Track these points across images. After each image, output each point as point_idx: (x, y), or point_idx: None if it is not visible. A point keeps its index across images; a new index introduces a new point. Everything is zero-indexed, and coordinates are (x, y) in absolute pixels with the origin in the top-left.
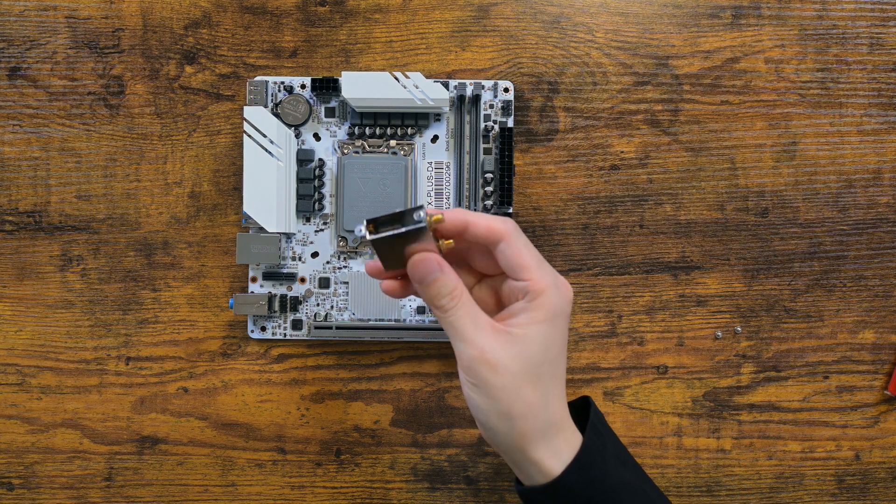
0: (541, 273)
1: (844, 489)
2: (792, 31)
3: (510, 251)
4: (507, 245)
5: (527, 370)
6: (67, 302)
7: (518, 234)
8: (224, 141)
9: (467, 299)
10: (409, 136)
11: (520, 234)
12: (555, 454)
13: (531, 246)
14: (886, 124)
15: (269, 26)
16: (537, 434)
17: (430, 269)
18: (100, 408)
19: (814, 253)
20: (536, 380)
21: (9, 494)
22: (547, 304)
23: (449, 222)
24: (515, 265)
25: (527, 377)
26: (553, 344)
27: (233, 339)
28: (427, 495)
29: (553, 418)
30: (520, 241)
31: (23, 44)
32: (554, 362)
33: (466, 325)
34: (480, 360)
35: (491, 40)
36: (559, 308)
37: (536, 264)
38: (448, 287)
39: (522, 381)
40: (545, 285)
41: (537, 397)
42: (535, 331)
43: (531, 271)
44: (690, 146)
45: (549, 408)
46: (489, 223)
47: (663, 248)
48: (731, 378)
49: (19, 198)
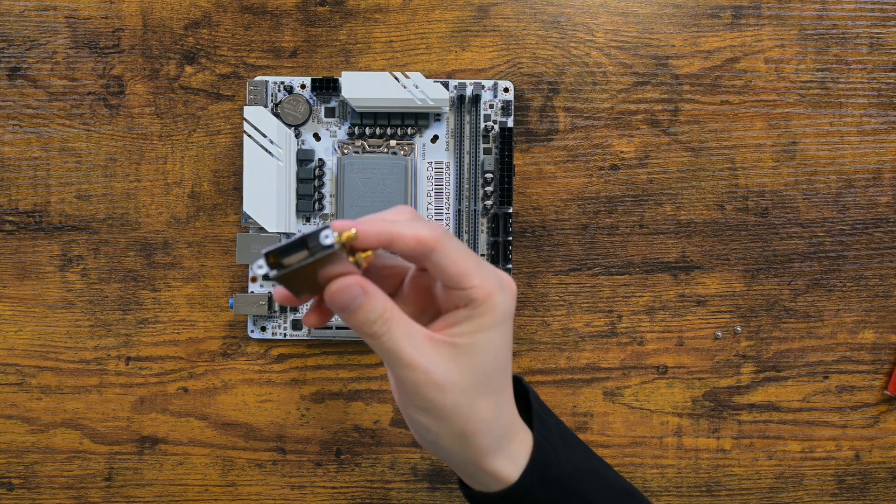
0: (482, 277)
1: (844, 489)
2: (792, 31)
3: (445, 261)
4: (440, 255)
5: (478, 383)
6: (67, 302)
7: (450, 239)
8: (224, 141)
9: (399, 318)
10: (409, 136)
11: (451, 239)
12: (511, 461)
13: (465, 248)
14: (886, 124)
15: (269, 26)
16: (493, 447)
17: (353, 294)
18: (100, 408)
19: (814, 253)
20: (489, 391)
21: (9, 494)
22: (494, 309)
23: (367, 239)
24: (453, 274)
25: (478, 391)
26: (502, 349)
27: (233, 339)
28: (427, 495)
29: (507, 425)
30: (452, 245)
31: (23, 44)
32: (504, 367)
33: (403, 347)
34: (426, 383)
35: (491, 40)
36: (506, 309)
37: (475, 267)
38: (376, 311)
39: (474, 396)
40: (489, 289)
41: (491, 410)
42: (483, 339)
43: (471, 278)
44: (690, 146)
45: (503, 416)
46: (416, 234)
47: (663, 248)
48: (731, 378)
49: (19, 198)
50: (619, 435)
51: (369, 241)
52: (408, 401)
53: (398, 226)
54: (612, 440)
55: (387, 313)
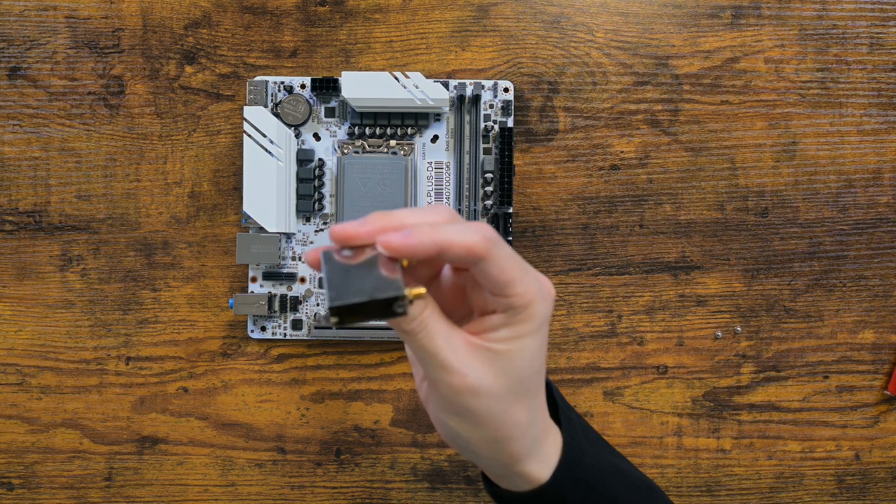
0: (526, 284)
1: (844, 489)
2: (792, 31)
3: (493, 269)
4: (489, 263)
5: (513, 389)
6: (67, 302)
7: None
8: (224, 141)
9: (438, 319)
10: (409, 136)
11: (500, 246)
12: (543, 462)
13: (512, 253)
14: (886, 124)
15: (269, 26)
16: (526, 451)
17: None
18: (100, 408)
19: (814, 253)
20: (524, 397)
21: (9, 494)
22: (533, 317)
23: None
24: (499, 282)
25: (514, 397)
26: (538, 355)
27: (233, 339)
28: (427, 495)
29: (540, 429)
30: (501, 253)
31: (23, 44)
32: (540, 372)
33: (441, 347)
34: (461, 387)
35: (491, 40)
36: (545, 316)
37: (521, 275)
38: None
39: (509, 402)
40: (531, 297)
41: (525, 415)
42: (521, 345)
43: (516, 285)
44: (690, 146)
45: (536, 421)
46: (466, 244)
47: (663, 248)
48: (731, 378)
49: (19, 198)
50: (619, 435)
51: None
52: (441, 405)
53: (447, 234)
54: (612, 440)
55: (426, 312)
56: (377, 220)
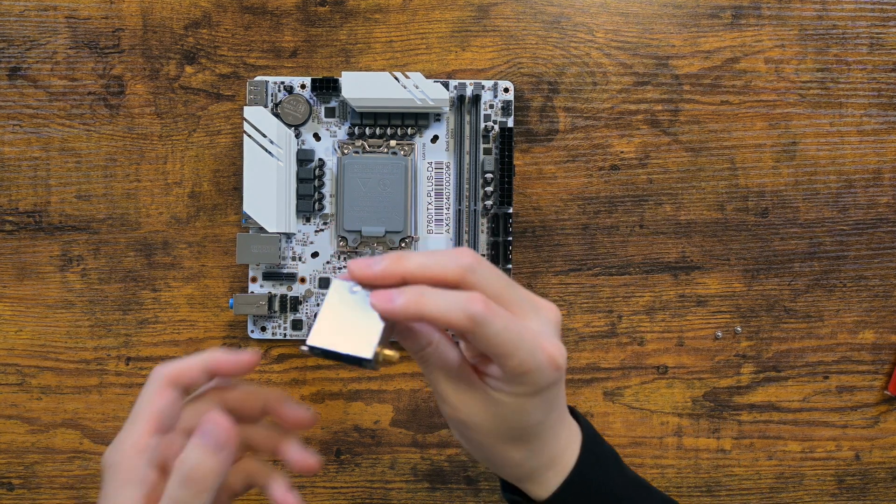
0: (521, 357)
1: (844, 489)
2: (792, 31)
3: (481, 343)
4: (476, 339)
5: (504, 433)
6: (67, 302)
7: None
8: (224, 141)
9: (444, 352)
10: (409, 136)
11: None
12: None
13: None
14: (886, 124)
15: (269, 26)
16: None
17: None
18: (100, 408)
19: (814, 253)
20: (518, 442)
21: (9, 494)
22: (531, 383)
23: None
24: (491, 354)
25: (505, 439)
26: (537, 410)
27: (233, 339)
28: (427, 495)
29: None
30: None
31: (23, 44)
32: (539, 423)
33: (440, 382)
34: (453, 418)
35: (491, 40)
36: (545, 383)
37: (514, 348)
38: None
39: (500, 442)
40: (527, 368)
41: (519, 455)
42: (518, 402)
43: (510, 358)
44: (690, 146)
45: (536, 458)
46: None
47: (663, 248)
48: (731, 378)
49: (19, 198)
50: (620, 435)
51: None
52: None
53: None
54: (612, 440)
55: (430, 347)
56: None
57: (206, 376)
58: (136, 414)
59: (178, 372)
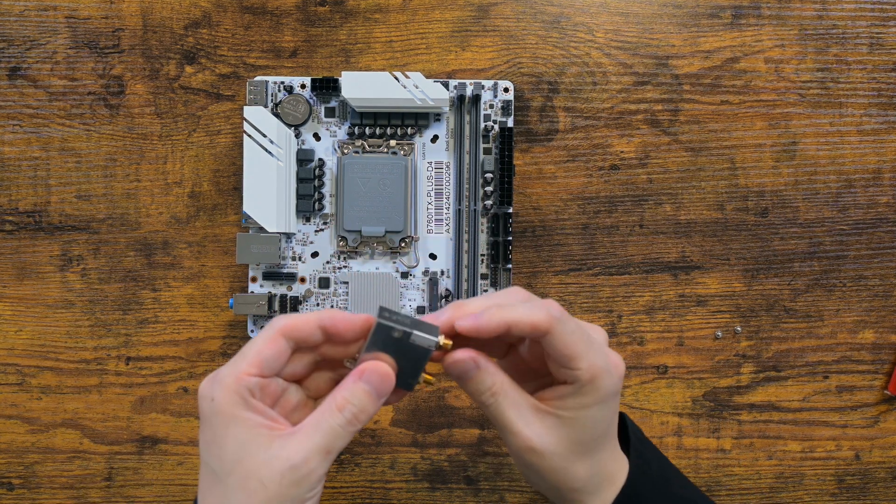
0: (591, 360)
1: (844, 489)
2: (792, 31)
3: (557, 343)
4: (553, 338)
5: (576, 451)
6: (67, 302)
7: (563, 322)
8: (224, 141)
9: (508, 390)
10: (409, 136)
11: (565, 322)
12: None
13: (578, 329)
14: (886, 124)
15: (269, 26)
16: (587, 495)
17: (466, 368)
18: (100, 408)
19: (814, 253)
20: (586, 456)
21: (9, 494)
22: (598, 390)
23: (487, 330)
24: (563, 356)
25: (576, 456)
26: (603, 422)
27: (233, 339)
28: (427, 495)
29: (603, 477)
30: (566, 329)
31: (23, 44)
32: (605, 434)
33: (510, 417)
34: (526, 450)
35: (491, 40)
36: (611, 390)
37: (585, 350)
38: (485, 384)
39: (571, 461)
40: (595, 372)
41: (586, 471)
42: (586, 414)
43: (580, 360)
44: (690, 146)
45: (599, 473)
46: (532, 320)
47: (663, 248)
48: (731, 378)
49: (19, 198)
50: None
51: (489, 332)
52: (515, 459)
53: (514, 312)
54: None
55: (496, 386)
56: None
57: (320, 334)
58: (243, 353)
59: (294, 325)
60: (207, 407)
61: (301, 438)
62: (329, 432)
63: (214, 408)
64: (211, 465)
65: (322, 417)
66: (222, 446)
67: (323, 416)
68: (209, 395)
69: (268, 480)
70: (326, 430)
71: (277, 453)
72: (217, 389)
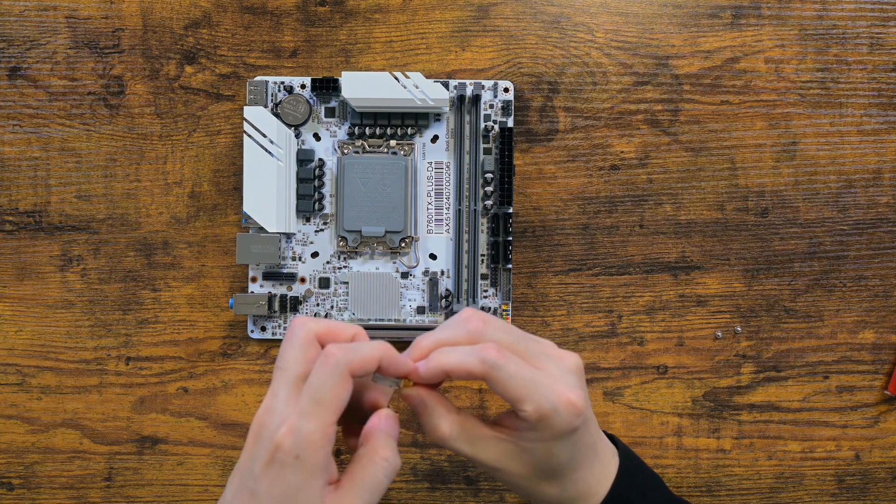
0: (536, 402)
1: (844, 489)
2: (792, 31)
3: (498, 388)
4: (493, 383)
5: (541, 475)
6: (67, 302)
7: (501, 366)
8: (224, 141)
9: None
10: (409, 136)
11: (504, 366)
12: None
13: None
14: (886, 124)
15: (269, 26)
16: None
17: (414, 403)
18: (100, 408)
19: (814, 253)
20: (554, 479)
21: (9, 494)
22: (550, 428)
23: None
24: (507, 399)
25: (541, 479)
26: (565, 451)
27: (233, 339)
28: (427, 495)
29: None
30: (504, 374)
31: (23, 44)
32: (571, 460)
33: (466, 452)
34: (490, 470)
35: (491, 40)
36: (565, 428)
37: (528, 393)
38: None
39: (536, 482)
40: (543, 413)
41: (555, 490)
42: (544, 447)
43: (524, 402)
44: (690, 146)
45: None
46: (467, 369)
47: (663, 248)
48: (731, 378)
49: (19, 198)
50: (620, 435)
51: (432, 380)
52: None
53: (450, 360)
54: None
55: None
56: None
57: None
58: (322, 401)
59: (361, 364)
60: (291, 463)
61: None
62: (376, 487)
63: (298, 465)
64: None
65: (366, 473)
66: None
67: (366, 471)
68: (293, 451)
69: None
70: (374, 486)
71: None
72: (305, 448)
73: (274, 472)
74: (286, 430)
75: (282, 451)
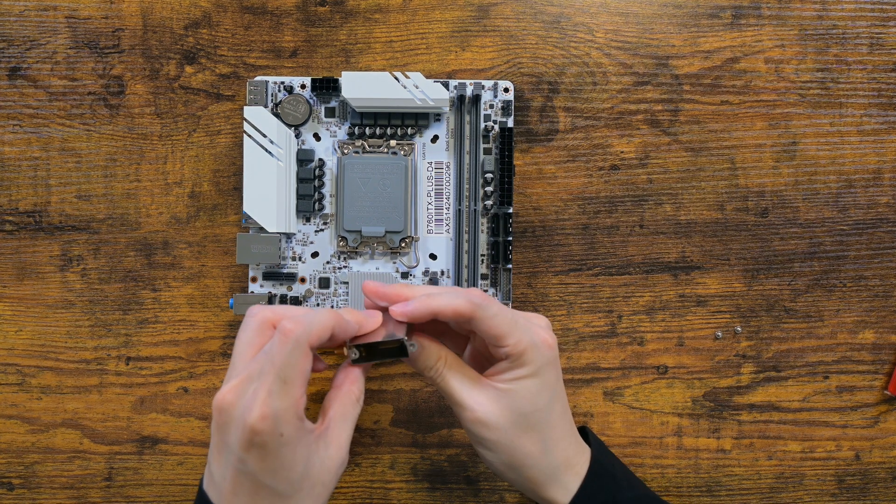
0: (517, 337)
1: (844, 489)
2: (792, 31)
3: (483, 326)
4: (478, 322)
5: (517, 422)
6: (67, 302)
7: (485, 307)
8: (224, 141)
9: (452, 363)
10: (409, 136)
11: (488, 306)
12: (565, 489)
13: (503, 311)
14: (886, 124)
15: (269, 26)
16: (544, 478)
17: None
18: (100, 408)
19: (814, 253)
20: (531, 430)
21: (9, 494)
22: (530, 362)
23: (417, 317)
24: (491, 336)
25: (520, 429)
26: (542, 393)
27: (233, 339)
28: (427, 495)
29: (558, 460)
30: (488, 312)
31: (23, 44)
32: (547, 409)
33: (454, 387)
34: (473, 420)
35: (491, 40)
36: (542, 361)
37: (510, 328)
38: (431, 360)
39: (515, 433)
40: (523, 347)
41: (535, 446)
42: (520, 385)
43: (507, 338)
44: (690, 146)
45: (552, 452)
46: (454, 307)
47: (663, 248)
48: (731, 378)
49: (19, 198)
50: (619, 435)
51: (418, 318)
52: (469, 437)
53: (439, 300)
54: (612, 440)
55: (440, 362)
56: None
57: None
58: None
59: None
60: (275, 441)
61: (338, 434)
62: (354, 419)
63: (283, 441)
64: (278, 489)
65: (345, 409)
66: (291, 468)
67: (345, 407)
68: (276, 431)
69: (328, 481)
70: (353, 418)
71: (327, 453)
72: (283, 426)
73: (257, 453)
74: (259, 413)
75: (262, 434)
